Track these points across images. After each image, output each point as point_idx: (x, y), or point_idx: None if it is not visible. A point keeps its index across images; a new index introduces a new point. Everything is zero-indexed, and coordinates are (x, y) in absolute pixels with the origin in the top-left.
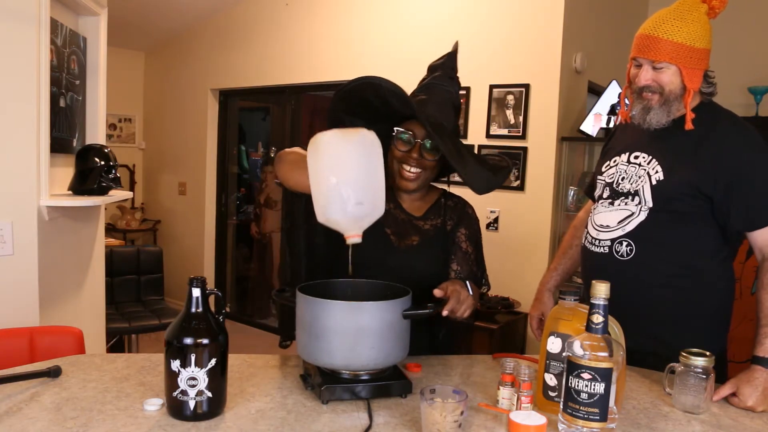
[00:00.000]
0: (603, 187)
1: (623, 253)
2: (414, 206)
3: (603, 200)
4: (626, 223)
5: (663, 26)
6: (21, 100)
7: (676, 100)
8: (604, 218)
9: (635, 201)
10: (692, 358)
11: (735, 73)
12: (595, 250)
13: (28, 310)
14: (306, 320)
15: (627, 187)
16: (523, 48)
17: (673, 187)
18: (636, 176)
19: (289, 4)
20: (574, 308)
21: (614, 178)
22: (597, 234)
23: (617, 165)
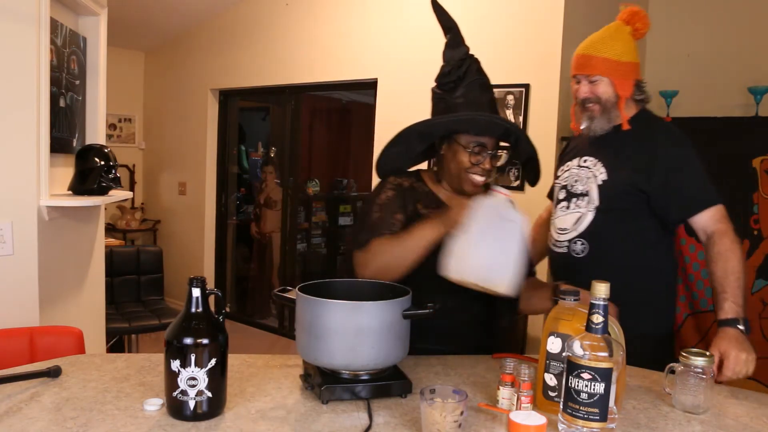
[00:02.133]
0: (560, 189)
1: (578, 251)
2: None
3: (561, 203)
4: (579, 223)
5: (594, 46)
6: (21, 100)
7: (614, 108)
8: (562, 221)
9: (585, 201)
10: (692, 358)
11: (735, 73)
12: (557, 250)
13: (28, 310)
14: (306, 320)
15: (579, 189)
16: (523, 48)
17: (615, 186)
18: (585, 178)
19: (289, 4)
20: (574, 308)
21: (569, 181)
22: (558, 236)
23: (570, 169)
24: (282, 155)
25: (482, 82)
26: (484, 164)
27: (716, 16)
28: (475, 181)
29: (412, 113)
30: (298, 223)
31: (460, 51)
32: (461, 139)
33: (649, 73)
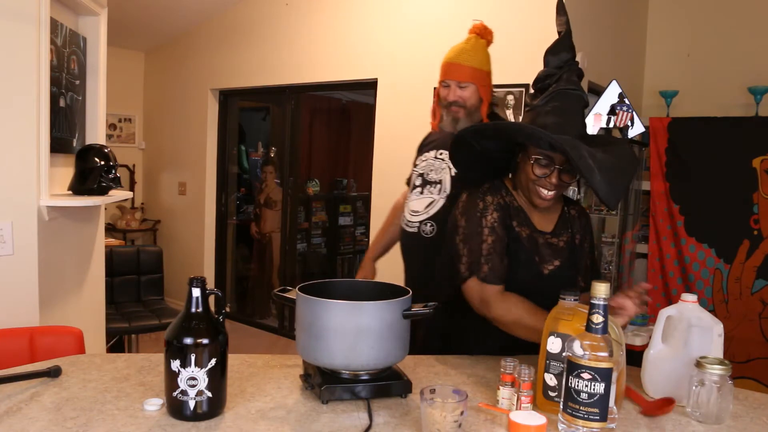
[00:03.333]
0: (417, 176)
1: (428, 232)
2: (543, 221)
3: (416, 189)
4: (431, 207)
5: (462, 56)
6: (21, 101)
7: (476, 111)
8: (416, 205)
9: (437, 188)
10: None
11: (735, 73)
12: (408, 230)
13: (28, 310)
14: (306, 320)
15: (434, 177)
16: (523, 48)
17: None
18: (440, 169)
19: (289, 4)
20: (574, 308)
21: (425, 170)
22: (410, 217)
23: (427, 160)
24: (282, 155)
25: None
26: (550, 178)
27: (716, 16)
28: (542, 194)
29: (412, 113)
30: (298, 223)
31: (561, 58)
32: (530, 150)
33: (649, 73)
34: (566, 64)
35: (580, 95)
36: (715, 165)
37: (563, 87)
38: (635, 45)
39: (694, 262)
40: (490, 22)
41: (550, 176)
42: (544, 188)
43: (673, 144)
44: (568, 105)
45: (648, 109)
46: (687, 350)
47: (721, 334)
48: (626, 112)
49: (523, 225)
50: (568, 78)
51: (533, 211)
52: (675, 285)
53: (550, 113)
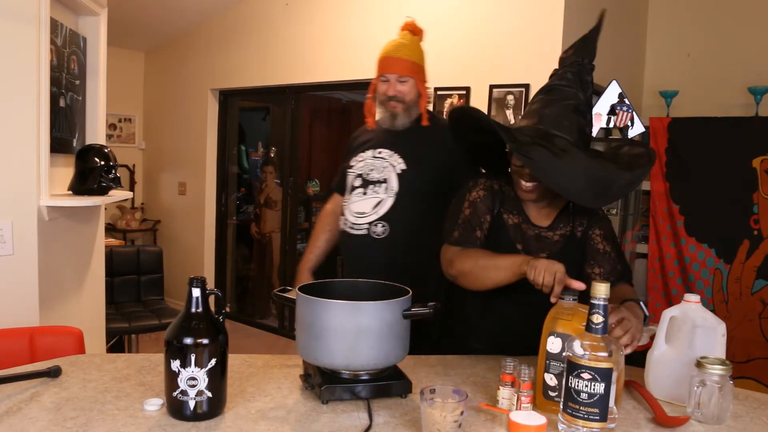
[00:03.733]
0: (355, 177)
1: (378, 233)
2: (541, 215)
3: (356, 190)
4: (379, 207)
5: (402, 50)
6: (21, 100)
7: (415, 106)
8: (360, 206)
9: (383, 187)
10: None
11: (735, 73)
12: (355, 233)
13: (28, 310)
14: (306, 320)
15: (376, 177)
16: (523, 48)
17: (413, 175)
18: (382, 167)
19: (289, 5)
20: (574, 308)
21: (364, 170)
22: (356, 220)
23: (365, 160)
24: (282, 155)
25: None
26: (525, 170)
27: (716, 16)
28: (522, 186)
29: None
30: (298, 223)
31: (565, 62)
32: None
33: (649, 73)
34: (569, 65)
35: (572, 91)
36: (715, 165)
37: (554, 83)
38: (635, 45)
39: (694, 262)
40: (490, 23)
41: (524, 168)
42: (523, 179)
43: (673, 144)
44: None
45: (648, 109)
46: (691, 351)
47: (724, 334)
48: (626, 112)
49: (513, 214)
50: (562, 74)
51: (530, 207)
52: (675, 285)
53: (537, 105)
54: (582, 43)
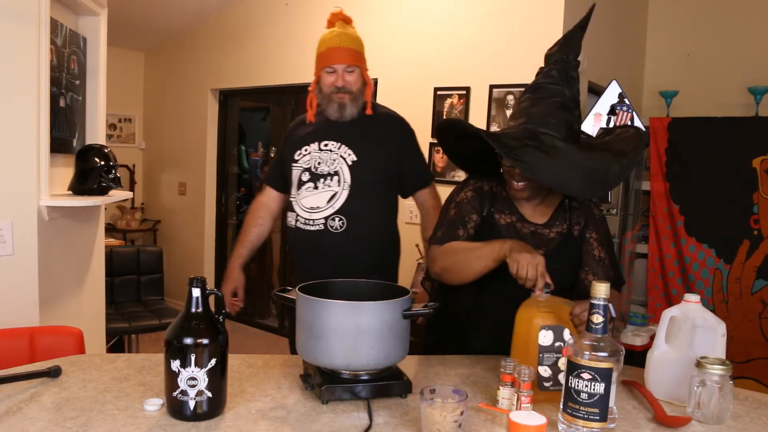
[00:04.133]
0: (302, 172)
1: (336, 227)
2: (536, 213)
3: (306, 185)
4: (334, 201)
5: (345, 40)
6: (21, 100)
7: (361, 96)
8: (312, 201)
9: (335, 180)
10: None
11: (735, 73)
12: (310, 228)
13: (28, 310)
14: (306, 320)
15: (326, 170)
16: (523, 48)
17: (365, 165)
18: (331, 160)
19: (289, 4)
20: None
21: (311, 164)
22: (309, 215)
23: (310, 153)
24: None
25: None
26: (515, 169)
27: (716, 16)
28: (513, 185)
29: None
30: None
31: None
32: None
33: (649, 73)
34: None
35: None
36: (715, 165)
37: (540, 81)
38: (635, 45)
39: (694, 262)
40: (490, 23)
41: (514, 168)
42: (514, 180)
43: (673, 144)
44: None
45: (648, 109)
46: (691, 351)
47: (724, 334)
48: (626, 112)
49: (506, 213)
50: (547, 72)
51: (524, 206)
52: (675, 285)
53: (524, 105)
54: (567, 40)
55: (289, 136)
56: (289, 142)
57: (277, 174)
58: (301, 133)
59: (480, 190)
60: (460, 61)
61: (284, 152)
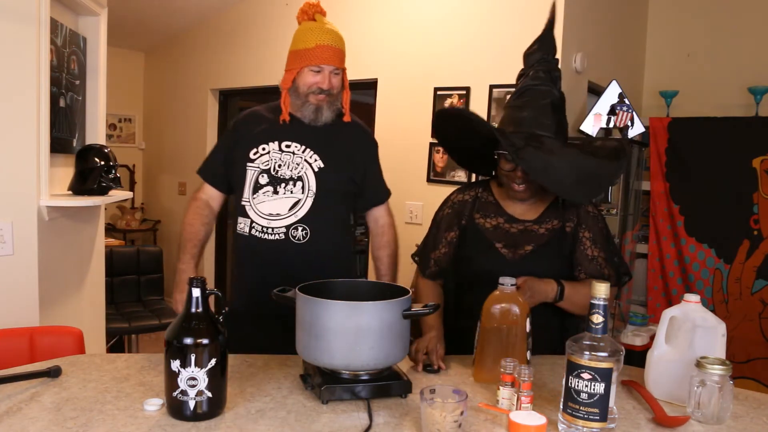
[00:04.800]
0: (258, 173)
1: (299, 237)
2: (527, 211)
3: (263, 188)
4: (298, 209)
5: (336, 40)
6: (21, 100)
7: (337, 100)
8: (272, 207)
9: (299, 186)
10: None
11: (735, 73)
12: (269, 237)
13: (28, 310)
14: (306, 320)
15: (288, 174)
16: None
17: (332, 174)
18: (294, 164)
19: (289, 4)
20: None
21: (270, 165)
22: (268, 223)
23: (269, 153)
24: None
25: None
26: (516, 171)
27: (716, 16)
28: (514, 187)
29: (412, 113)
30: None
31: (534, 58)
32: (499, 146)
33: (649, 73)
34: (537, 63)
35: (547, 89)
36: (715, 165)
37: (528, 83)
38: (635, 45)
39: (694, 262)
40: (490, 23)
41: (516, 170)
42: (514, 182)
43: (673, 144)
44: (534, 100)
45: (648, 109)
46: (691, 351)
47: (724, 334)
48: (626, 112)
49: (491, 217)
50: (534, 75)
51: (516, 204)
52: (675, 285)
53: (519, 109)
54: (544, 40)
55: (237, 131)
56: (241, 138)
57: (219, 171)
58: (256, 130)
59: (459, 203)
60: (460, 61)
61: (233, 148)
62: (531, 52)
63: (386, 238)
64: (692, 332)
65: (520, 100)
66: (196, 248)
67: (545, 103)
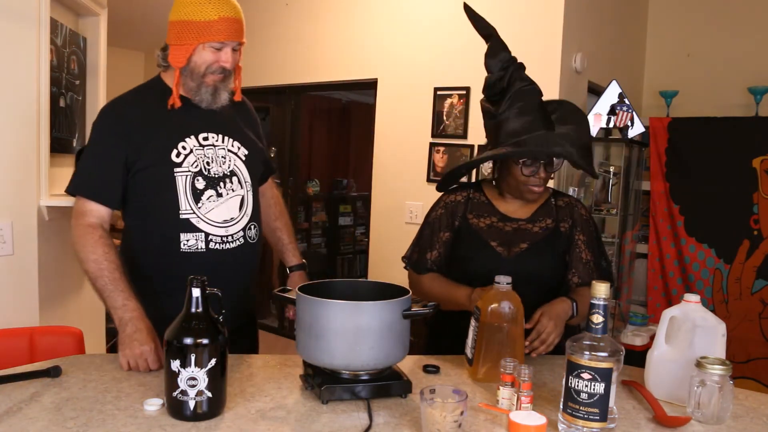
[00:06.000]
0: (192, 177)
1: (252, 237)
2: (521, 210)
3: (204, 193)
4: (246, 207)
5: (235, 9)
6: (21, 100)
7: (230, 78)
8: (223, 212)
9: (236, 181)
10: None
11: (735, 73)
12: (230, 246)
13: (28, 310)
14: (306, 320)
15: (220, 170)
16: (523, 48)
17: (254, 159)
18: (220, 157)
19: (289, 5)
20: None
21: (199, 165)
22: (226, 230)
23: (192, 151)
24: (282, 155)
25: (528, 89)
26: (539, 174)
27: (716, 16)
28: (533, 191)
29: (412, 113)
30: (298, 223)
31: (501, 58)
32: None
33: (649, 73)
34: (509, 63)
35: (534, 88)
36: (715, 165)
37: (518, 87)
38: (635, 45)
39: (694, 262)
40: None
41: (538, 172)
42: (535, 185)
43: (673, 144)
44: (529, 102)
45: (648, 109)
46: (691, 351)
47: (724, 334)
48: (626, 112)
49: (485, 216)
50: (519, 76)
51: (508, 202)
52: (675, 285)
53: (518, 116)
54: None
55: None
56: (146, 138)
57: (113, 186)
58: (158, 125)
59: (451, 204)
60: (460, 61)
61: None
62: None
63: (279, 207)
64: (692, 332)
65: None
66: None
67: (540, 102)
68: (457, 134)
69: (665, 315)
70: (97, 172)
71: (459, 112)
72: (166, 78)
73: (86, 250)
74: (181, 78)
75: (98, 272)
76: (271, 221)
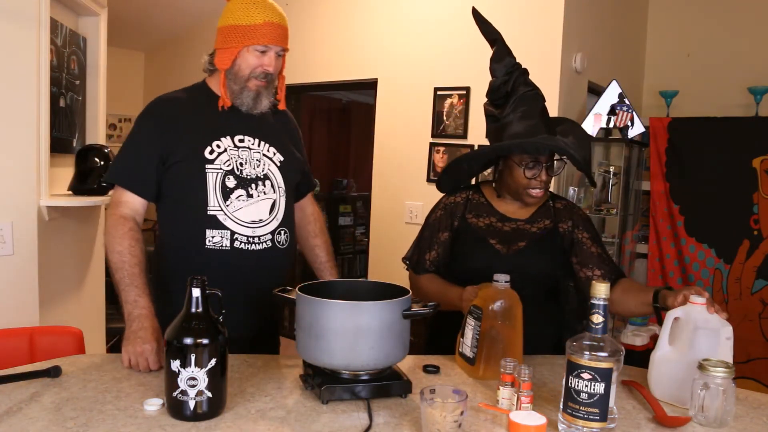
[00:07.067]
0: (224, 176)
1: (282, 242)
2: (520, 211)
3: (234, 192)
4: (276, 211)
5: (281, 15)
6: (21, 100)
7: (273, 85)
8: (251, 213)
9: (269, 185)
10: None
11: (735, 73)
12: (256, 247)
13: (28, 310)
14: (306, 320)
15: (253, 172)
16: (523, 48)
17: (291, 166)
18: (255, 160)
19: (289, 5)
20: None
21: (233, 165)
22: (253, 231)
23: (226, 150)
24: None
25: (532, 94)
26: (540, 177)
27: (716, 16)
28: (534, 194)
29: (412, 113)
30: None
31: (506, 63)
32: (515, 156)
33: (649, 73)
34: (513, 69)
35: (537, 93)
36: (715, 165)
37: (522, 91)
38: (635, 45)
39: (694, 262)
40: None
41: (540, 175)
42: (537, 188)
43: (673, 144)
44: (532, 107)
45: (648, 109)
46: (693, 352)
47: (729, 336)
48: (626, 112)
49: (484, 217)
50: (524, 81)
51: (508, 204)
52: (675, 285)
53: (521, 120)
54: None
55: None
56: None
57: (148, 177)
58: (196, 123)
59: (450, 205)
60: (460, 61)
61: (163, 146)
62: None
63: (320, 224)
64: (695, 334)
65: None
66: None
67: (543, 107)
68: (457, 134)
69: (669, 316)
70: (133, 163)
71: (459, 112)
72: (211, 83)
73: (114, 241)
74: (225, 81)
75: (119, 264)
76: (311, 238)
